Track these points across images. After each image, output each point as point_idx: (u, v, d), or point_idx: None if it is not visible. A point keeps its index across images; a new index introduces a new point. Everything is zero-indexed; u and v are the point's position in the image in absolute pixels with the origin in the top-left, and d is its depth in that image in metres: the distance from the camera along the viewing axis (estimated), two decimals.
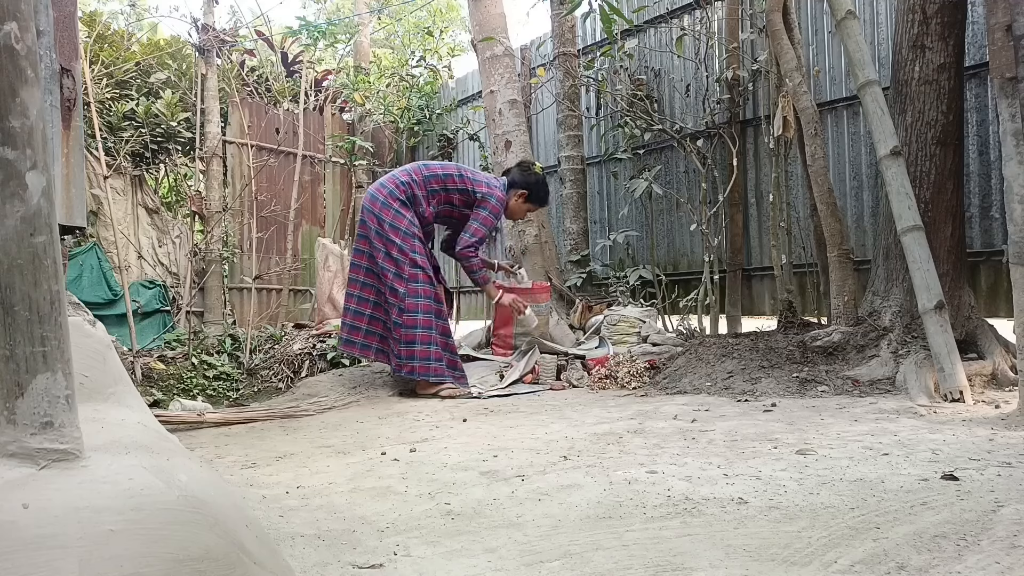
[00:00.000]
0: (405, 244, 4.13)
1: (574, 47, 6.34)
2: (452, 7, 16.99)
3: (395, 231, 4.14)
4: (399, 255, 4.11)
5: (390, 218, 4.15)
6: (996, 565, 1.26)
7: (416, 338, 4.07)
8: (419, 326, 4.08)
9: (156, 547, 0.85)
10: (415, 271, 4.12)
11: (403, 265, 4.10)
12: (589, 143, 6.69)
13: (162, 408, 3.96)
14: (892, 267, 3.74)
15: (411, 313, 4.08)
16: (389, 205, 4.17)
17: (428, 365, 4.08)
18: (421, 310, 4.10)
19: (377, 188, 4.25)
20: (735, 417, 2.89)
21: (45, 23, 1.70)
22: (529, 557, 1.42)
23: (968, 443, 2.23)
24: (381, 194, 4.20)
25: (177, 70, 7.62)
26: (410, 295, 4.09)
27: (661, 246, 6.20)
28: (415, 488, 2.02)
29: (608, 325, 4.94)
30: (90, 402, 1.18)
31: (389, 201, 4.18)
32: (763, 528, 1.52)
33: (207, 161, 7.12)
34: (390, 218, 4.15)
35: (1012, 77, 2.77)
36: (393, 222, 4.15)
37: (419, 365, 4.06)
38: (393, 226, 4.15)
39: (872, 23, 4.88)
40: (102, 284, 6.41)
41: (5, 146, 0.88)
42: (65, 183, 1.87)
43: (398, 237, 4.13)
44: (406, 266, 4.10)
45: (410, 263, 4.12)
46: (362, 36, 10.28)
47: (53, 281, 0.91)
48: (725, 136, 5.41)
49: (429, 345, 4.10)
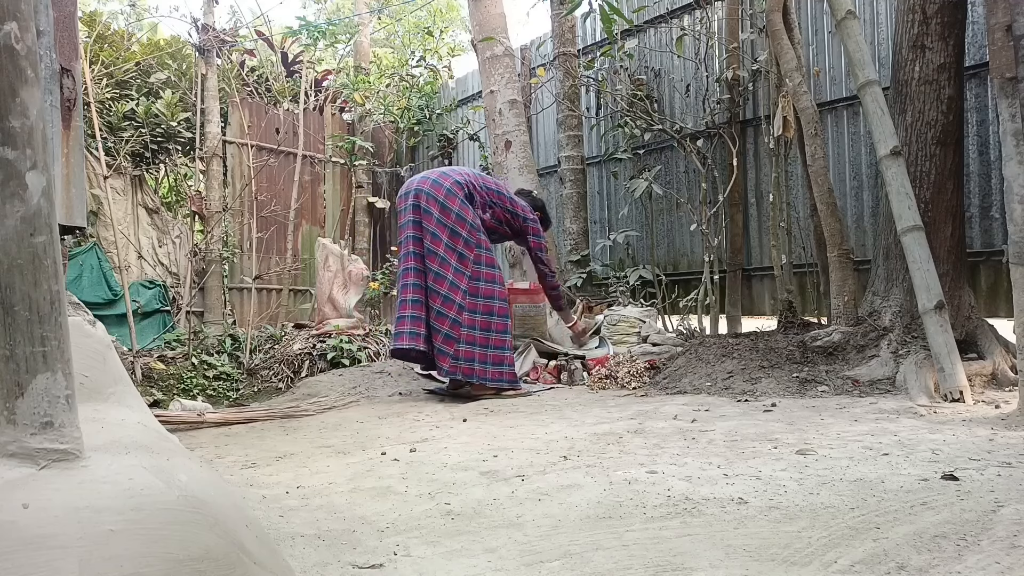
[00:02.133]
0: (472, 238, 3.92)
1: (574, 47, 6.34)
2: (452, 7, 16.98)
3: (462, 222, 3.90)
4: (464, 249, 3.89)
5: (457, 207, 3.91)
6: (996, 565, 1.26)
7: (490, 342, 3.91)
8: (494, 329, 3.92)
9: (156, 547, 0.85)
10: (492, 271, 3.96)
11: (467, 260, 3.89)
12: (589, 143, 6.69)
13: (162, 408, 3.96)
14: (892, 267, 3.73)
15: (485, 315, 3.90)
16: (455, 194, 3.94)
17: (502, 371, 3.94)
18: (497, 313, 3.93)
19: (440, 176, 4.01)
20: (735, 417, 2.89)
21: (45, 23, 1.70)
22: (529, 557, 1.42)
23: (968, 443, 2.23)
24: (446, 182, 3.96)
25: (177, 70, 7.62)
26: (484, 296, 3.90)
27: (661, 246, 6.20)
28: (415, 488, 2.02)
29: (608, 325, 4.94)
30: (90, 402, 1.18)
31: (455, 190, 3.95)
32: (763, 528, 1.52)
33: (207, 161, 7.12)
34: (457, 207, 3.91)
35: (1012, 77, 2.77)
36: (460, 212, 3.91)
37: (492, 371, 3.91)
38: (460, 217, 3.91)
39: (872, 23, 4.88)
40: (102, 284, 6.41)
41: (5, 146, 0.87)
42: (65, 183, 1.87)
43: (464, 230, 3.91)
44: (470, 262, 3.89)
45: (486, 263, 3.93)
46: (362, 36, 10.27)
47: (53, 281, 0.91)
48: (725, 136, 5.41)
49: (504, 350, 3.95)
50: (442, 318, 3.85)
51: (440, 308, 3.86)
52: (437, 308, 3.86)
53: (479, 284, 3.92)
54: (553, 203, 7.12)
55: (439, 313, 3.86)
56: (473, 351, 3.87)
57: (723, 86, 5.45)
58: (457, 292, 3.86)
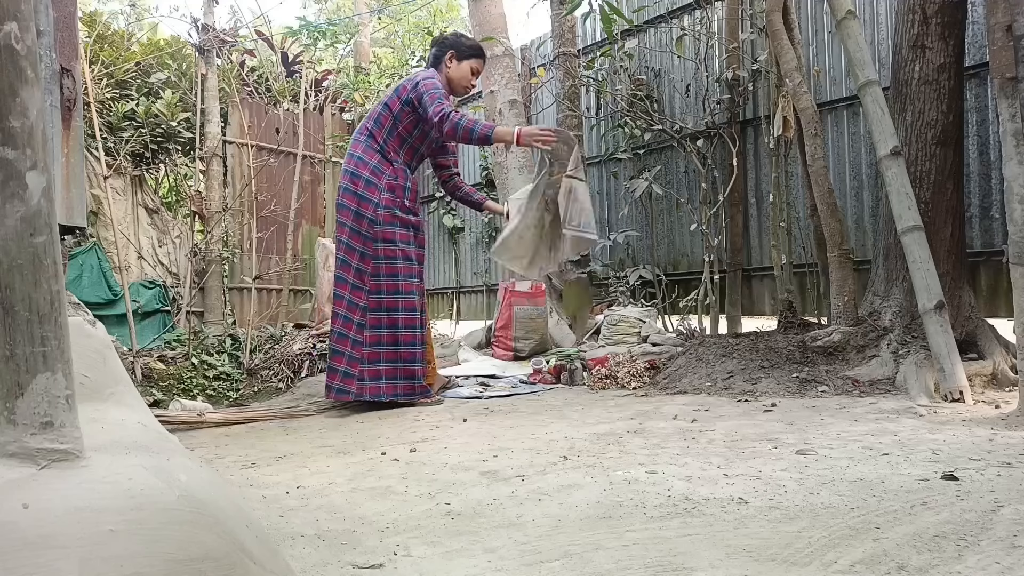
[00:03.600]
0: (368, 232, 3.50)
1: (574, 47, 6.34)
2: (452, 7, 17.00)
3: (349, 213, 3.52)
4: (363, 246, 3.53)
5: (357, 187, 3.53)
6: (996, 565, 1.26)
7: (399, 355, 3.59)
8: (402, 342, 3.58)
9: (156, 547, 0.85)
10: (392, 264, 3.52)
11: (368, 259, 3.53)
12: (589, 143, 6.69)
13: (162, 408, 3.96)
14: (892, 267, 3.73)
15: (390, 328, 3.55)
16: (349, 170, 3.59)
17: (413, 384, 3.64)
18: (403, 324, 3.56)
19: (346, 159, 3.67)
20: (735, 417, 2.89)
21: (45, 23, 1.70)
22: (529, 557, 1.42)
23: (968, 443, 2.23)
24: (348, 162, 3.61)
25: (177, 70, 7.62)
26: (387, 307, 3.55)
27: (661, 246, 6.20)
28: (415, 488, 2.02)
29: (608, 325, 4.94)
30: (90, 402, 1.18)
31: (349, 165, 3.59)
32: (763, 528, 1.52)
33: (207, 161, 7.12)
34: (357, 187, 3.53)
35: (1012, 77, 2.77)
36: (358, 191, 3.51)
37: (403, 385, 3.61)
38: (358, 197, 3.50)
39: (872, 23, 4.88)
40: (102, 284, 6.41)
41: (5, 146, 0.87)
42: (65, 183, 1.87)
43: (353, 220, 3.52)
44: (370, 260, 3.52)
45: (384, 255, 3.51)
46: (362, 36, 10.28)
47: (53, 281, 0.91)
48: (725, 136, 5.41)
49: (413, 363, 3.61)
50: (343, 340, 3.59)
51: (340, 329, 3.60)
52: (338, 329, 3.60)
53: (380, 297, 3.56)
54: None
55: (339, 335, 3.59)
56: (378, 368, 3.59)
57: (723, 86, 5.45)
58: (355, 310, 3.57)
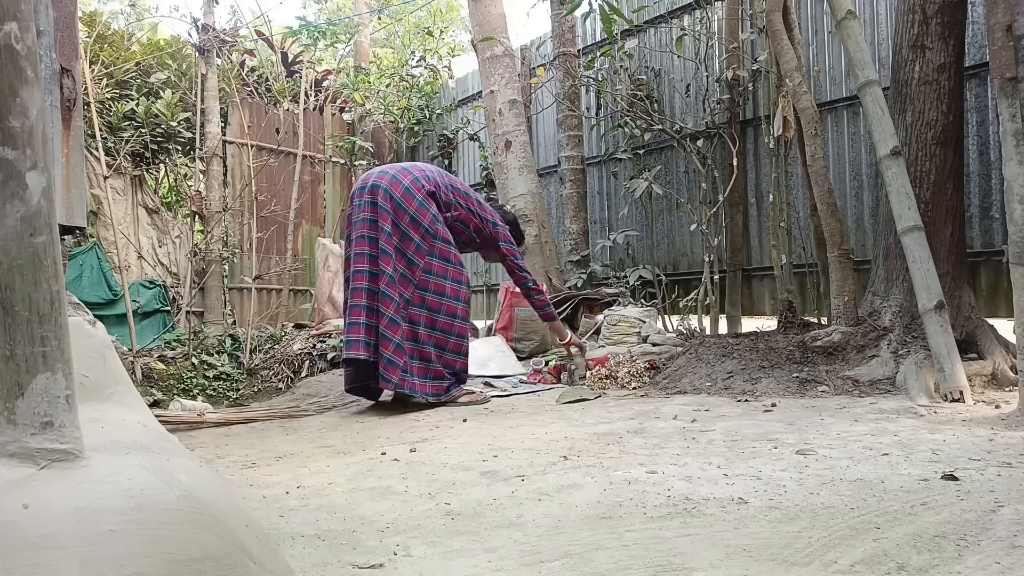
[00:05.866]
0: (424, 244, 3.67)
1: (574, 47, 6.34)
2: (452, 7, 16.99)
3: (416, 226, 3.65)
4: (415, 255, 3.65)
5: (414, 208, 3.64)
6: (996, 565, 1.26)
7: (444, 359, 3.71)
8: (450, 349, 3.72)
9: (156, 547, 0.85)
10: (442, 282, 3.70)
11: (416, 267, 3.65)
12: (589, 143, 6.69)
13: (162, 408, 3.96)
14: (892, 267, 3.73)
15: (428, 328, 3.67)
16: (413, 194, 3.66)
17: (442, 385, 3.72)
18: (457, 332, 3.72)
19: (399, 172, 3.74)
20: (735, 417, 2.88)
21: (45, 23, 1.70)
22: (529, 557, 1.42)
23: (968, 443, 2.23)
24: (405, 179, 3.69)
25: (177, 70, 7.62)
26: (429, 307, 3.67)
27: (661, 246, 6.20)
28: (415, 488, 2.02)
29: (608, 325, 4.94)
30: (90, 402, 1.18)
31: (414, 189, 3.67)
32: (763, 528, 1.52)
33: (207, 161, 7.12)
34: (414, 208, 3.64)
35: (1012, 77, 2.77)
36: (416, 215, 3.64)
37: (432, 385, 3.68)
38: (415, 219, 3.64)
39: (872, 23, 4.88)
40: (102, 284, 6.42)
41: (5, 146, 0.87)
42: (65, 183, 1.87)
43: (418, 234, 3.65)
44: (419, 269, 3.65)
45: (437, 272, 3.69)
46: (362, 36, 10.28)
47: (53, 281, 0.91)
48: (725, 136, 5.41)
49: (453, 369, 3.75)
50: (394, 326, 3.58)
51: (392, 315, 3.58)
52: (390, 315, 3.57)
53: (426, 295, 3.67)
54: (553, 203, 7.12)
55: (391, 320, 3.57)
56: (423, 366, 3.65)
57: (723, 86, 5.45)
58: (405, 302, 3.65)
